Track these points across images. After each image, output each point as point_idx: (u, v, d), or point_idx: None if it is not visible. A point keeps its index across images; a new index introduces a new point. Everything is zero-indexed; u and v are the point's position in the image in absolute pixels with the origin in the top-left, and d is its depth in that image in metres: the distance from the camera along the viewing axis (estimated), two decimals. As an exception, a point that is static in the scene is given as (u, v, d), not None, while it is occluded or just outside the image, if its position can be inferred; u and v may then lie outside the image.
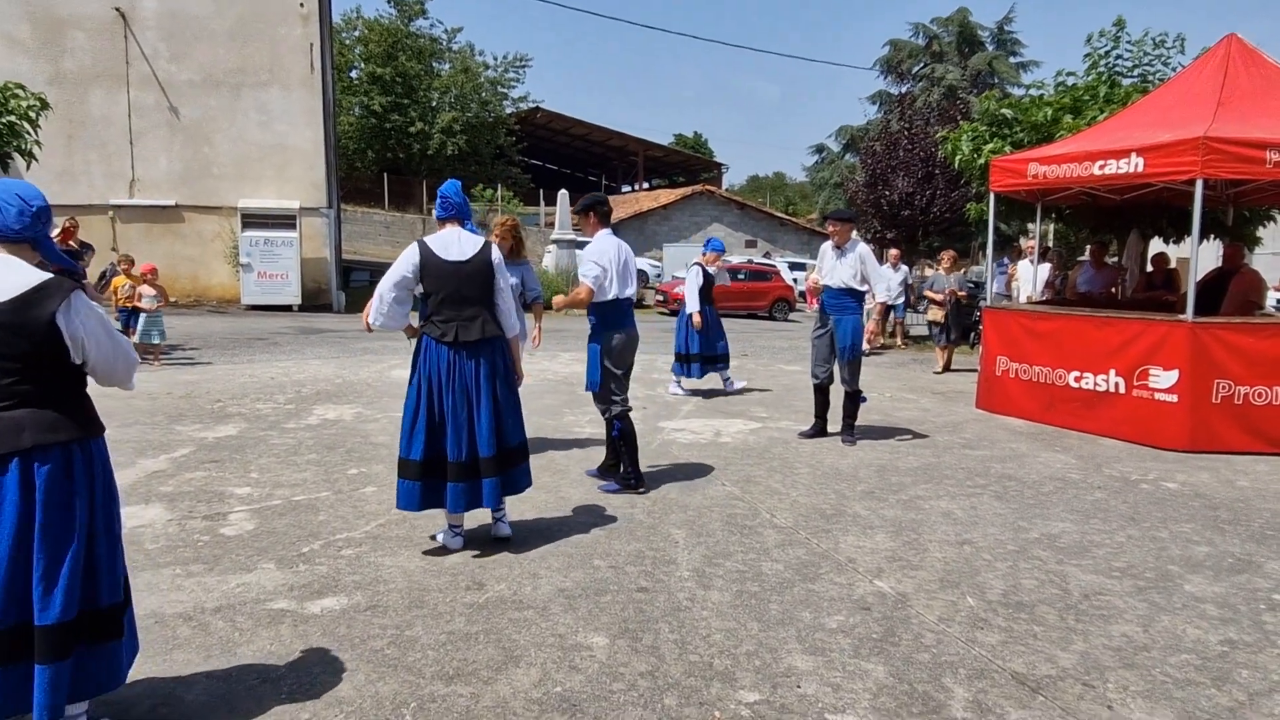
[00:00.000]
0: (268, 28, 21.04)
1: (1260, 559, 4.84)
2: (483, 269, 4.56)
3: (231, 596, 3.95)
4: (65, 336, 2.59)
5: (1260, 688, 3.36)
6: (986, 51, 47.18)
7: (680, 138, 66.98)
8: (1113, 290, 11.22)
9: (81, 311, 2.62)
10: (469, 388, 4.47)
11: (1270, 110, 7.85)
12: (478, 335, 4.49)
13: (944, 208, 18.94)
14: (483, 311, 4.55)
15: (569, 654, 3.47)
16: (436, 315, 4.50)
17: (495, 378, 4.56)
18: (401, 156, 41.83)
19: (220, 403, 8.66)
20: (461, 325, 4.47)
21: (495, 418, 4.51)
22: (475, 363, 4.49)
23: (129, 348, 2.85)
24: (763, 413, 8.94)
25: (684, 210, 38.51)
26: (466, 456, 4.43)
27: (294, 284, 20.65)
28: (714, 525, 5.16)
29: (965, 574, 4.49)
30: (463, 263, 4.52)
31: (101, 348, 2.69)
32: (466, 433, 4.44)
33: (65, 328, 2.58)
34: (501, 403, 4.58)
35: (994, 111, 12.14)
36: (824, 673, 3.38)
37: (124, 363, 2.79)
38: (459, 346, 4.45)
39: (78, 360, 2.65)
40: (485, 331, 4.52)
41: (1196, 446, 7.47)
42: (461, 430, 4.43)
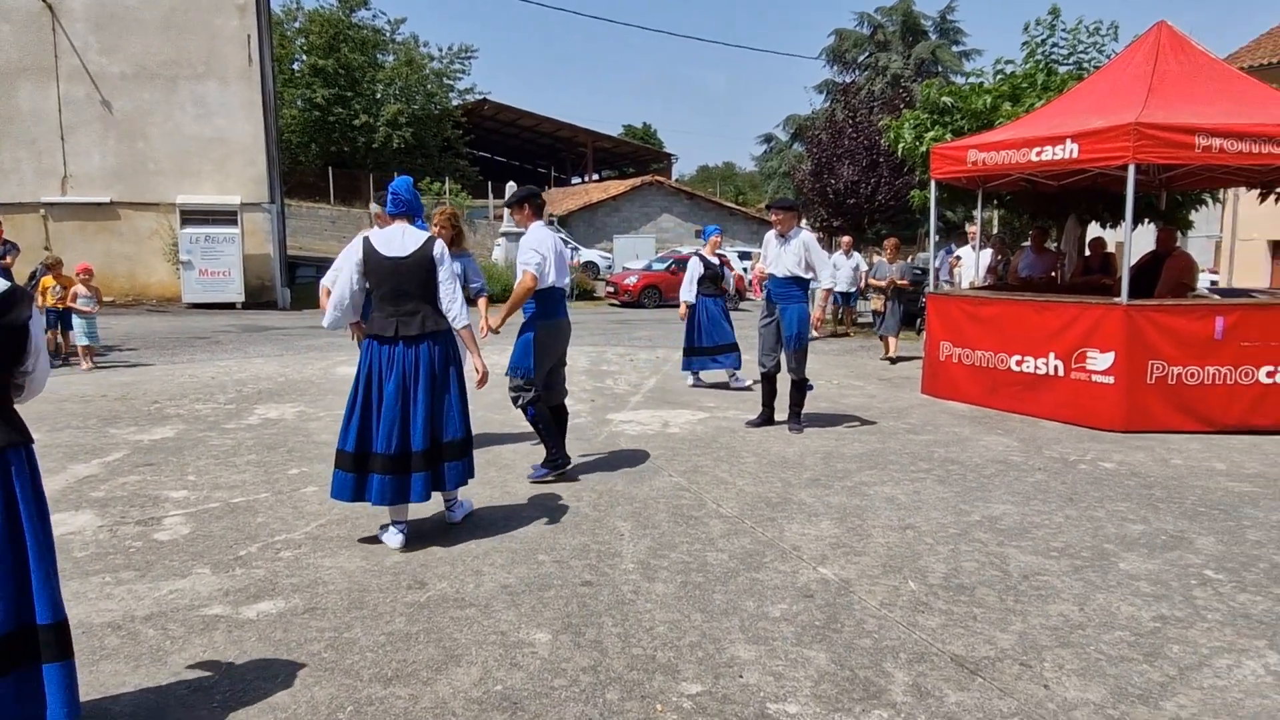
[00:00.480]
0: (203, 18, 20.50)
1: (1192, 535, 4.97)
2: (423, 263, 4.56)
3: (164, 603, 3.84)
4: (31, 343, 2.61)
5: (1190, 662, 3.44)
6: (930, 40, 47.84)
7: (629, 128, 66.92)
8: (1053, 275, 11.43)
9: (36, 320, 2.66)
10: (407, 382, 4.46)
11: (1198, 96, 8.04)
12: (418, 330, 4.49)
13: (889, 195, 19.17)
14: (423, 306, 4.55)
15: (511, 651, 3.44)
16: (378, 311, 4.55)
17: (435, 372, 4.53)
18: (346, 150, 41.18)
19: (157, 404, 8.44)
20: (401, 320, 4.49)
21: (429, 412, 4.48)
22: (415, 357, 4.47)
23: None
24: (710, 402, 8.96)
25: (634, 201, 38.48)
26: (396, 450, 4.41)
27: (237, 281, 20.22)
28: (660, 516, 5.15)
29: (907, 558, 4.53)
30: (402, 258, 4.54)
31: (42, 356, 2.71)
32: (399, 426, 4.42)
33: (34, 334, 2.62)
34: (440, 397, 4.55)
35: (935, 99, 12.26)
36: (766, 662, 3.39)
37: (47, 373, 2.81)
38: (398, 341, 4.46)
39: (30, 368, 2.65)
40: (425, 326, 4.51)
41: (1133, 427, 7.64)
42: (394, 424, 4.40)
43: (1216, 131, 7.38)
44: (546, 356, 5.80)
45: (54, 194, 20.01)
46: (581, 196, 40.92)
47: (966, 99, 11.87)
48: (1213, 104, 7.90)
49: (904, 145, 12.40)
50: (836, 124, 21.32)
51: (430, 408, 4.49)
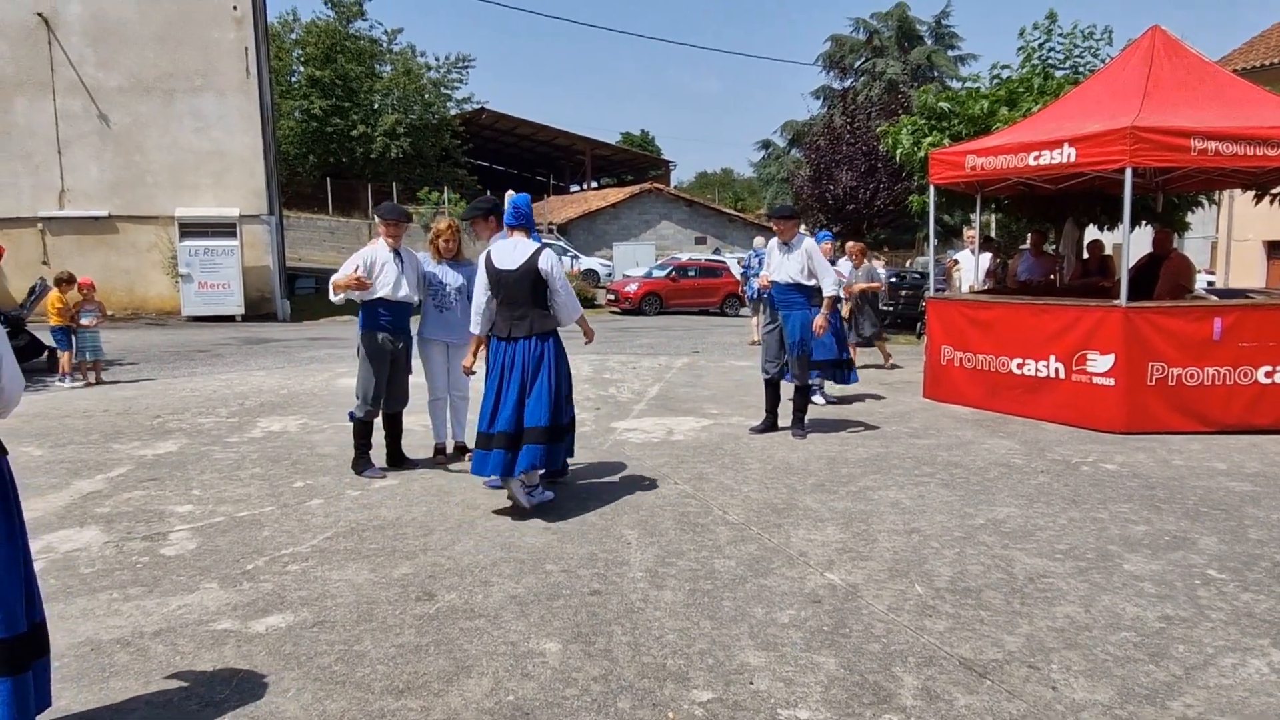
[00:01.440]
0: (199, 31, 20.56)
1: (1194, 535, 4.99)
2: (530, 274, 5.30)
3: (172, 619, 3.86)
4: None
5: (1195, 661, 3.46)
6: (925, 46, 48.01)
7: (627, 136, 67.06)
8: (1051, 278, 11.48)
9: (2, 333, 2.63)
10: (524, 374, 5.24)
11: (1193, 100, 8.09)
12: (526, 331, 5.29)
13: (887, 200, 19.23)
14: (531, 310, 5.33)
15: (521, 661, 3.45)
16: (499, 314, 5.40)
17: (540, 365, 5.28)
18: (344, 160, 41.26)
19: (160, 418, 8.45)
20: (514, 322, 5.31)
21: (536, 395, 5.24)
22: (526, 351, 5.27)
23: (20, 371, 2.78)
24: (714, 409, 8.98)
25: (633, 208, 38.55)
26: (511, 428, 5.17)
27: (236, 293, 20.25)
28: (666, 524, 5.17)
29: (914, 562, 4.55)
30: (511, 270, 5.31)
31: (13, 371, 2.67)
32: (515, 409, 5.20)
33: None
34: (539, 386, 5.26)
35: (932, 105, 12.34)
36: (776, 668, 3.40)
37: (19, 388, 2.75)
38: (514, 340, 5.28)
39: None
40: (534, 328, 5.30)
41: (1133, 428, 7.67)
42: (514, 407, 5.19)
43: (1211, 134, 7.42)
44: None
45: (51, 208, 20.05)
46: (581, 204, 40.99)
47: (964, 104, 11.94)
48: (1207, 107, 7.95)
49: (902, 150, 12.46)
50: (834, 130, 21.41)
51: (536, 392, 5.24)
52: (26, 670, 2.69)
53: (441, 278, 6.44)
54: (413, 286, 6.20)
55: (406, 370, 6.35)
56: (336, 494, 5.81)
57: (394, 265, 6.08)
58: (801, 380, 7.53)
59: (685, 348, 14.95)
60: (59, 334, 10.68)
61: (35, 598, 2.79)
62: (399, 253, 6.14)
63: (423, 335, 6.51)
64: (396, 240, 6.14)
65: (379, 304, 6.08)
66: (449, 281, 6.41)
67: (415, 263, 6.33)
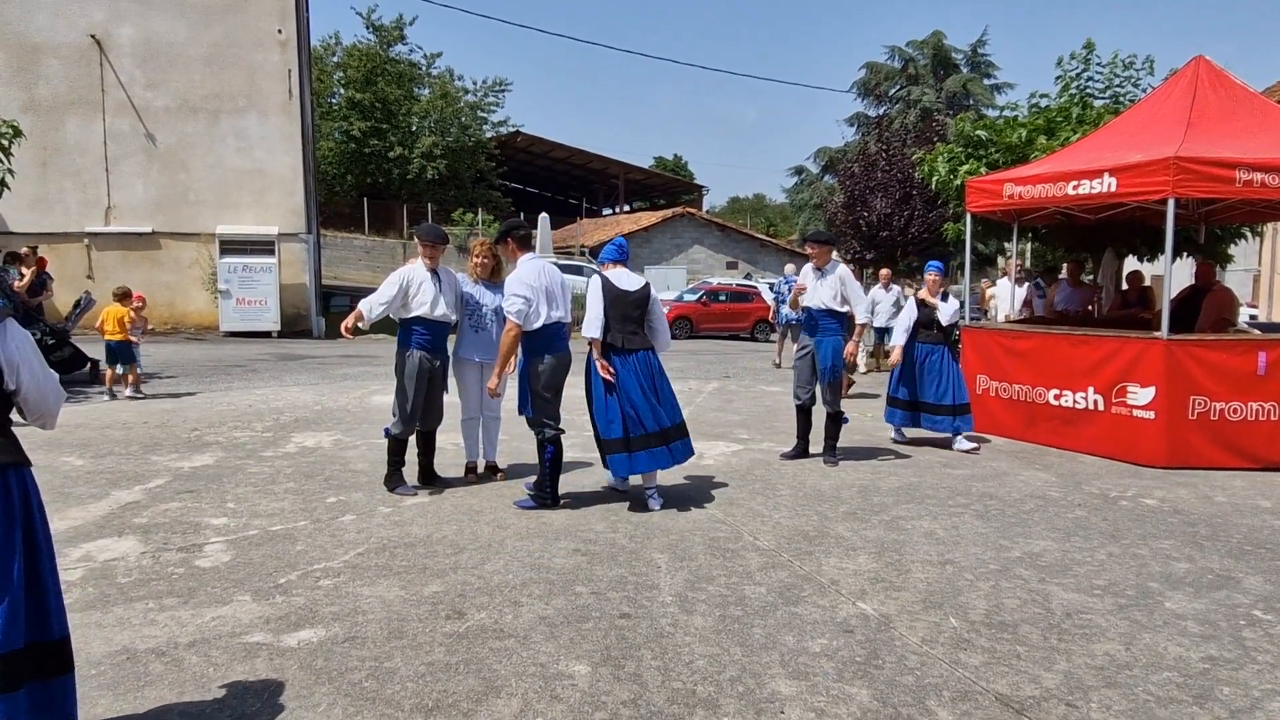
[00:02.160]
0: (245, 54, 21.01)
1: (1239, 574, 4.87)
2: (644, 298, 6.11)
3: (206, 630, 3.89)
4: (1, 361, 2.61)
5: (1242, 705, 3.37)
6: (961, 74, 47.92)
7: (660, 160, 67.39)
8: (1089, 308, 11.34)
9: (16, 337, 2.66)
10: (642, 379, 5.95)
11: (1238, 130, 7.99)
12: (639, 344, 6.01)
13: (922, 228, 19.13)
14: (640, 328, 6.11)
15: (550, 683, 3.43)
16: (613, 329, 5.96)
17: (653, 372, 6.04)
18: (381, 181, 41.83)
19: (197, 431, 8.57)
20: (627, 336, 5.98)
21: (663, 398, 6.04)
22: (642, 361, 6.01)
23: (58, 382, 2.83)
24: (745, 434, 8.93)
25: (665, 232, 38.65)
26: (654, 427, 5.91)
27: (273, 310, 20.51)
28: (696, 549, 5.14)
29: (948, 594, 4.48)
30: (632, 292, 6.05)
31: (35, 376, 2.70)
32: (651, 410, 5.93)
33: (7, 354, 2.62)
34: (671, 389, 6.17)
35: (969, 133, 12.28)
36: (808, 698, 3.35)
37: (55, 395, 2.80)
38: (629, 352, 5.95)
39: (11, 385, 2.64)
40: (644, 342, 6.08)
41: (1174, 462, 7.52)
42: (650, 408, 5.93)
43: (1257, 166, 7.32)
44: (544, 391, 5.88)
45: (98, 224, 20.47)
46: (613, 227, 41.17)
47: (1001, 133, 11.88)
48: (1253, 137, 7.84)
49: (938, 178, 12.41)
50: (869, 156, 21.37)
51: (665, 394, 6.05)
52: (16, 689, 2.58)
53: (479, 298, 6.51)
54: (450, 306, 6.25)
55: (443, 389, 6.40)
56: (368, 510, 5.84)
57: (431, 285, 6.14)
58: (834, 407, 7.47)
59: (716, 372, 14.91)
60: (121, 347, 10.65)
61: (49, 616, 2.68)
62: (437, 272, 6.21)
63: (458, 355, 6.56)
64: (434, 261, 6.21)
65: (417, 322, 6.14)
66: (485, 302, 6.47)
67: (454, 282, 6.40)
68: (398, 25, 42.08)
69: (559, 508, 5.94)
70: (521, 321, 5.73)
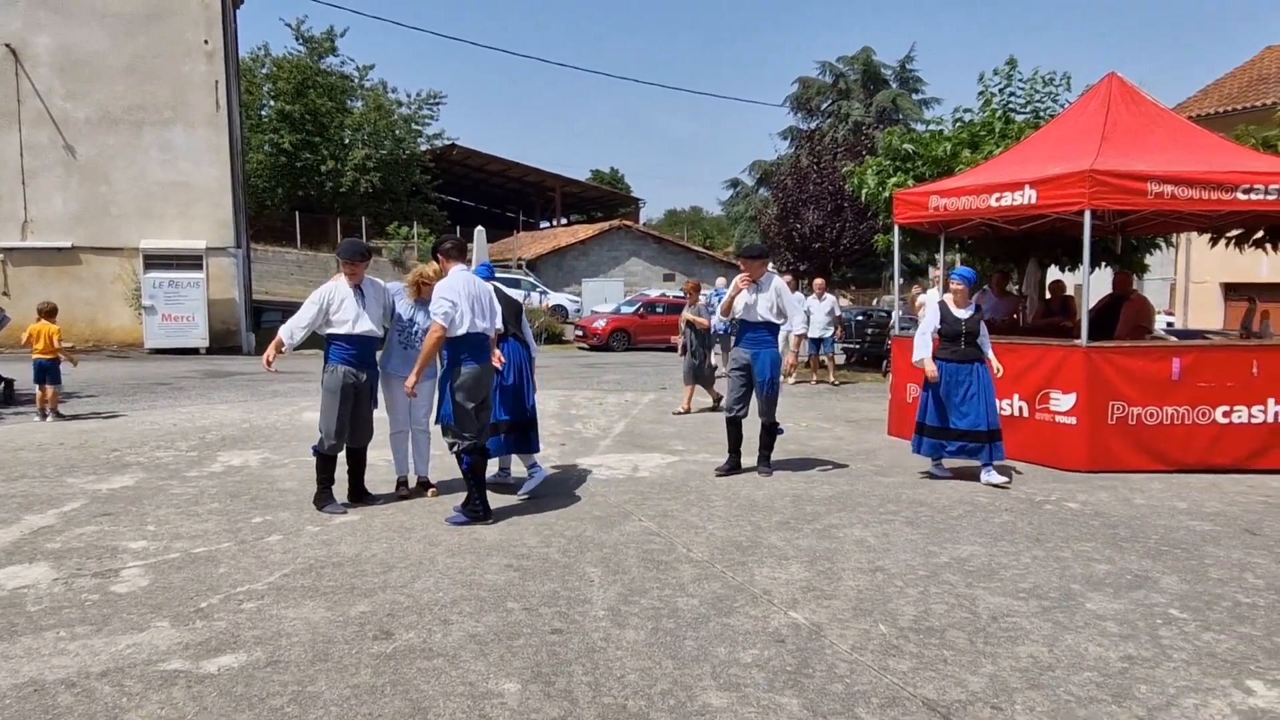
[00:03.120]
0: (169, 64, 20.48)
1: (1156, 574, 5.02)
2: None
3: (120, 659, 3.74)
4: None
5: (1158, 702, 3.46)
6: (890, 89, 49.02)
7: (597, 173, 67.51)
8: (1014, 317, 11.64)
9: None
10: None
11: (1149, 145, 8.29)
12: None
13: (853, 239, 19.47)
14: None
15: (479, 703, 3.38)
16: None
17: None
18: (313, 194, 41.13)
19: (117, 452, 8.27)
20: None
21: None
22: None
23: None
24: (680, 445, 8.95)
25: (602, 245, 38.69)
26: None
27: (201, 326, 19.96)
28: (630, 562, 5.12)
29: (878, 601, 4.53)
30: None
31: None
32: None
33: None
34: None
35: (897, 147, 12.56)
36: (738, 709, 3.35)
37: None
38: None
39: None
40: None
41: (1096, 466, 7.75)
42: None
43: (1167, 178, 7.60)
44: (466, 401, 5.81)
45: (14, 239, 19.74)
46: (550, 240, 41.08)
47: (927, 146, 12.16)
48: (1163, 152, 8.15)
49: (867, 191, 12.64)
50: (801, 170, 21.70)
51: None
52: None
53: (414, 317, 6.45)
54: (375, 320, 6.15)
55: (371, 405, 6.28)
56: (296, 530, 5.70)
57: (354, 301, 6.04)
58: (769, 418, 7.54)
59: (652, 384, 14.94)
60: (51, 365, 10.19)
61: None
62: (361, 287, 6.11)
63: (387, 370, 6.46)
64: (356, 277, 6.10)
65: (340, 338, 6.03)
66: (419, 322, 6.43)
67: (381, 295, 6.30)
68: (328, 37, 41.50)
69: (491, 523, 5.87)
70: (447, 325, 5.67)
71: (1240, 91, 21.33)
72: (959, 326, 7.34)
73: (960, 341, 7.31)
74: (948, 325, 7.36)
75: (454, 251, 6.09)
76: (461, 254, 6.17)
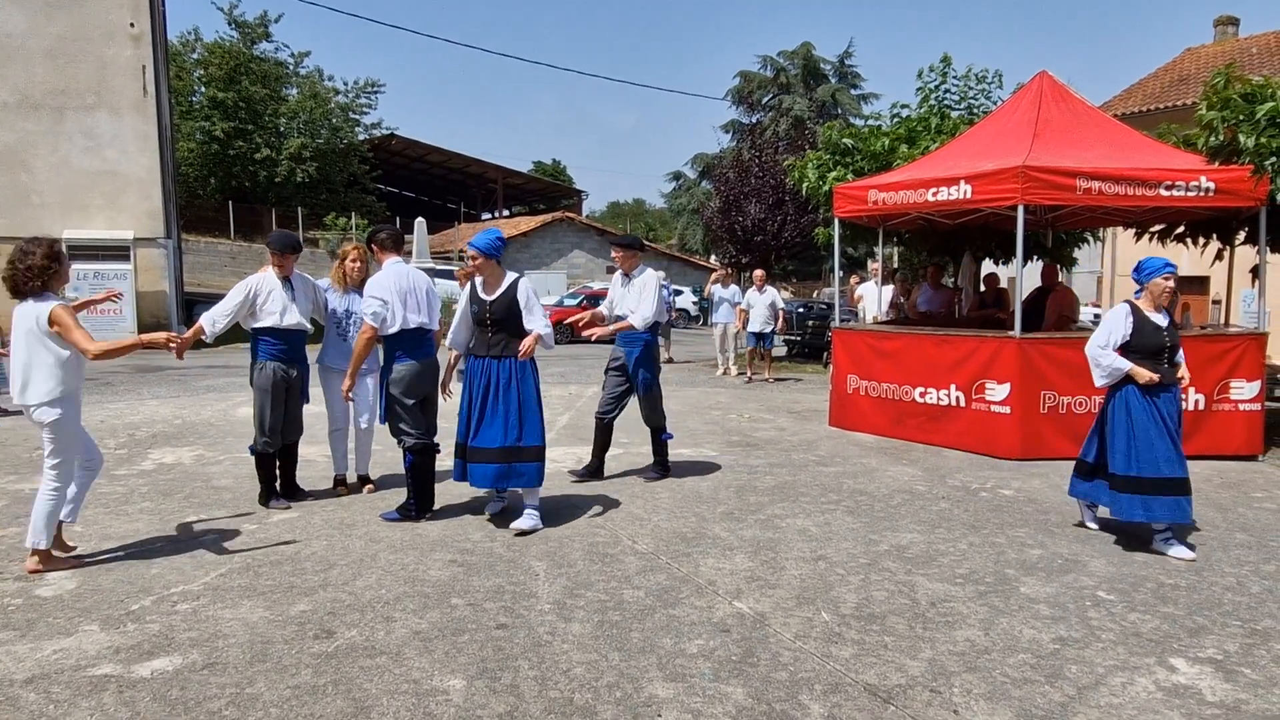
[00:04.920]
0: (92, 48, 19.76)
1: (1085, 558, 5.19)
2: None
3: (46, 665, 3.61)
4: None
5: (1088, 681, 3.58)
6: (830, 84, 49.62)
7: (539, 165, 67.13)
8: (951, 309, 11.90)
9: None
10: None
11: (1078, 142, 8.54)
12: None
13: (795, 233, 19.67)
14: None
15: (424, 700, 3.34)
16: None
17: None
18: (247, 184, 40.09)
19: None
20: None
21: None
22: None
23: None
24: (624, 438, 8.94)
25: (545, 237, 38.53)
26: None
27: (129, 319, 19.35)
28: (575, 555, 5.11)
29: (820, 589, 4.60)
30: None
31: None
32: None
33: None
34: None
35: (836, 141, 12.68)
36: (685, 699, 3.38)
37: None
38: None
39: None
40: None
41: (1029, 454, 7.97)
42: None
43: (1095, 175, 7.84)
44: (404, 397, 5.67)
45: (-74, 228, 18.89)
46: (491, 232, 40.72)
47: (866, 141, 12.31)
48: (1091, 148, 8.39)
49: (808, 184, 12.75)
50: (743, 163, 21.85)
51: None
52: None
53: (348, 307, 6.32)
54: (304, 314, 6.01)
55: (302, 400, 6.15)
56: (232, 528, 5.57)
57: (282, 293, 5.88)
58: (652, 421, 7.07)
59: (596, 376, 14.87)
60: None
61: None
62: (289, 280, 5.96)
63: (323, 363, 6.35)
64: (285, 269, 5.94)
65: (267, 333, 5.87)
66: (354, 310, 6.27)
67: (309, 289, 6.16)
68: (262, 22, 40.42)
69: (432, 519, 5.80)
70: (378, 324, 5.57)
71: (1162, 91, 22.07)
72: (1161, 338, 5.35)
73: (1163, 359, 5.38)
74: (1146, 337, 5.33)
75: (389, 242, 5.97)
76: (398, 246, 6.06)
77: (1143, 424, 5.26)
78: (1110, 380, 5.36)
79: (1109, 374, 5.35)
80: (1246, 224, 9.16)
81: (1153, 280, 5.38)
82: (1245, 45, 22.65)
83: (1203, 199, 8.02)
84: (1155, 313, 5.40)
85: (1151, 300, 5.41)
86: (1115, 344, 5.33)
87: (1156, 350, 5.33)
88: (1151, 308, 5.41)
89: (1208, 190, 7.96)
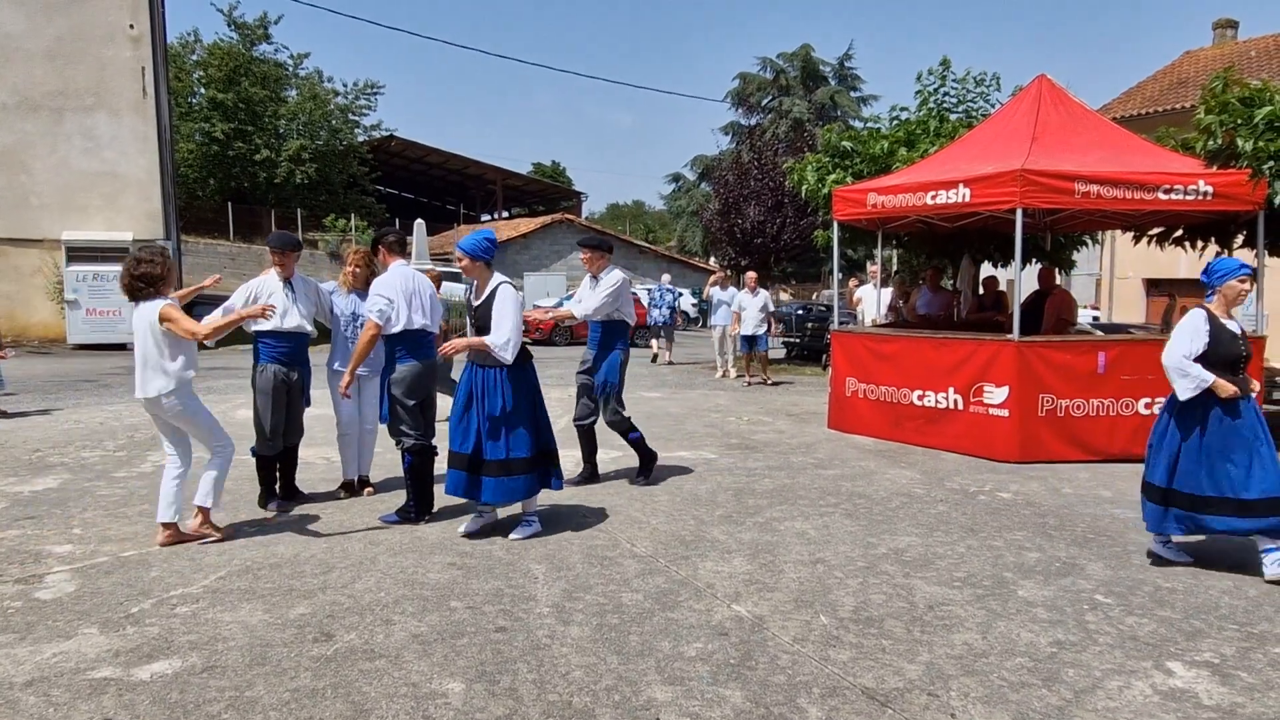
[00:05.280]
0: (92, 48, 19.79)
1: (1083, 561, 5.20)
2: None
3: (46, 668, 3.62)
4: None
5: (1084, 685, 3.59)
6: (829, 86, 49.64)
7: (539, 166, 67.17)
8: (950, 312, 11.91)
9: None
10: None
11: (1076, 145, 8.55)
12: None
13: (794, 235, 19.68)
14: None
15: (423, 703, 3.35)
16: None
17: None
18: (247, 185, 40.08)
19: (39, 452, 7.99)
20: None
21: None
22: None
23: None
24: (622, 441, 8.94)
25: (544, 239, 38.54)
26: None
27: (128, 320, 19.34)
28: (574, 558, 5.12)
29: (818, 593, 4.61)
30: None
31: None
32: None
33: None
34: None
35: (836, 143, 12.70)
36: (683, 702, 3.39)
37: None
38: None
39: None
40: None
41: (1026, 457, 7.98)
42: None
43: (1093, 178, 7.85)
44: (405, 398, 5.69)
45: (-75, 230, 18.93)
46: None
47: (865, 143, 12.33)
48: (1089, 152, 8.41)
49: (807, 187, 12.77)
50: (742, 165, 21.85)
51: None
52: None
53: (353, 308, 6.34)
54: (305, 316, 6.02)
55: (302, 403, 6.16)
56: (231, 531, 5.57)
57: (283, 295, 5.91)
58: (618, 427, 6.96)
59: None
60: None
61: None
62: (290, 282, 5.98)
63: (332, 368, 6.36)
64: (286, 270, 5.97)
65: (269, 335, 5.89)
66: (360, 312, 6.30)
67: (311, 291, 6.18)
68: (261, 24, 40.42)
69: (431, 521, 5.81)
70: (382, 322, 5.59)
71: (1161, 94, 22.10)
72: (1238, 348, 4.95)
73: (1239, 369, 4.98)
74: (1223, 346, 4.91)
75: (395, 245, 6.02)
76: (403, 248, 6.09)
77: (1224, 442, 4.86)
78: (1197, 392, 4.87)
79: (1197, 386, 4.85)
80: (1244, 228, 9.19)
81: (1226, 283, 4.96)
82: (1244, 48, 22.68)
83: (1201, 203, 8.04)
84: (1229, 320, 5.01)
85: (1225, 305, 5.01)
86: (1195, 353, 4.88)
87: (1233, 361, 4.92)
88: (1225, 313, 5.01)
89: (1206, 194, 7.97)
